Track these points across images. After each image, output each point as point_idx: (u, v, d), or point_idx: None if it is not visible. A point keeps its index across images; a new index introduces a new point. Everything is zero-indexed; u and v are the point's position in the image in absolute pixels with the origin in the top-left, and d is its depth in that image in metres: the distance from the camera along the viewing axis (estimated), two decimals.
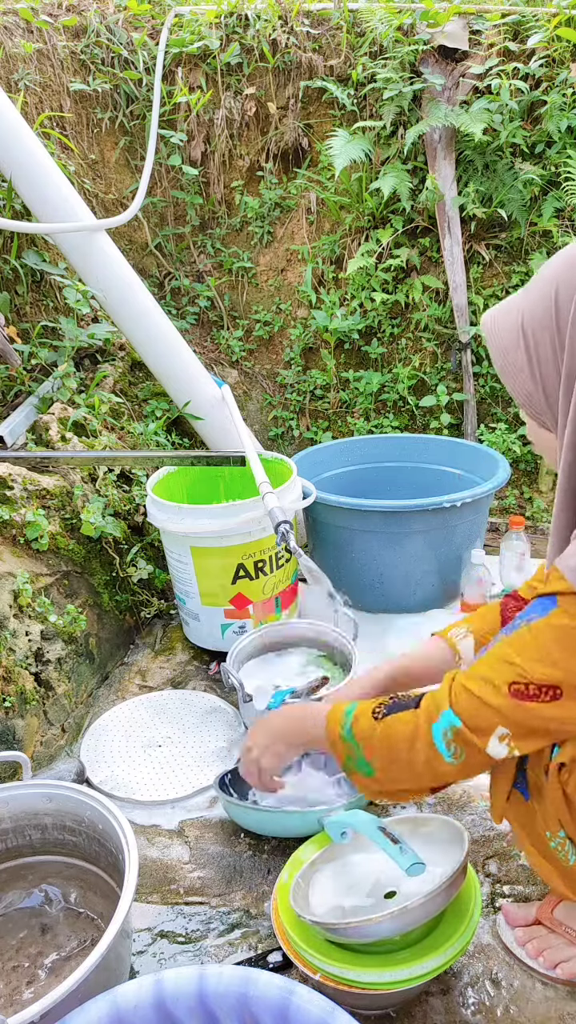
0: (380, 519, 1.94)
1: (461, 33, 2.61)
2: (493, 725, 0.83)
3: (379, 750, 0.92)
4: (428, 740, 0.88)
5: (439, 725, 0.87)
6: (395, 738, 0.90)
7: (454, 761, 0.87)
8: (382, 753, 0.92)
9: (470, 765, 0.87)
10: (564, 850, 0.95)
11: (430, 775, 0.90)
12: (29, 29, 2.59)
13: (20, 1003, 1.05)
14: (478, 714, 0.84)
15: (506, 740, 0.84)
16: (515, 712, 0.82)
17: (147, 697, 1.78)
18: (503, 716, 0.83)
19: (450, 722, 0.86)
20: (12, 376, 2.07)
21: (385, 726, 0.92)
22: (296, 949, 1.02)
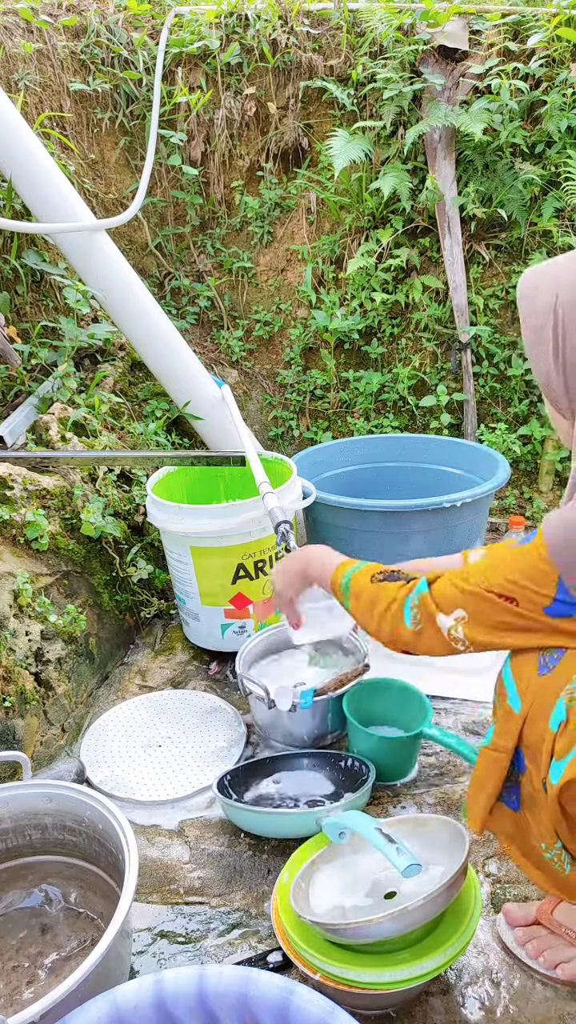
0: (380, 519, 1.94)
1: (461, 33, 2.61)
2: (456, 605, 0.98)
3: (363, 601, 1.10)
4: (400, 606, 1.04)
5: (412, 595, 1.03)
6: (379, 600, 1.08)
7: (412, 626, 1.03)
8: (364, 605, 1.10)
9: (424, 635, 1.02)
10: (560, 860, 0.95)
11: (389, 632, 1.07)
12: (29, 29, 2.59)
13: (20, 1003, 1.05)
14: (447, 592, 0.99)
15: (461, 622, 0.98)
16: (478, 602, 0.96)
17: (147, 697, 1.78)
18: (466, 601, 0.97)
19: (420, 590, 1.02)
20: (12, 376, 2.07)
21: (375, 588, 1.09)
22: (296, 949, 1.02)
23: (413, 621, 1.03)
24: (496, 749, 0.98)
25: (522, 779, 0.97)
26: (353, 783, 1.43)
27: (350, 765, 1.46)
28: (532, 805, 0.95)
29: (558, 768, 0.89)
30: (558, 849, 0.94)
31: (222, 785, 1.41)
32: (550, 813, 0.91)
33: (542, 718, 0.91)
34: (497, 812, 1.01)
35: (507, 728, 0.96)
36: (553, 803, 0.90)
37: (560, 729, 0.88)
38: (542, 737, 0.91)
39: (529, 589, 0.91)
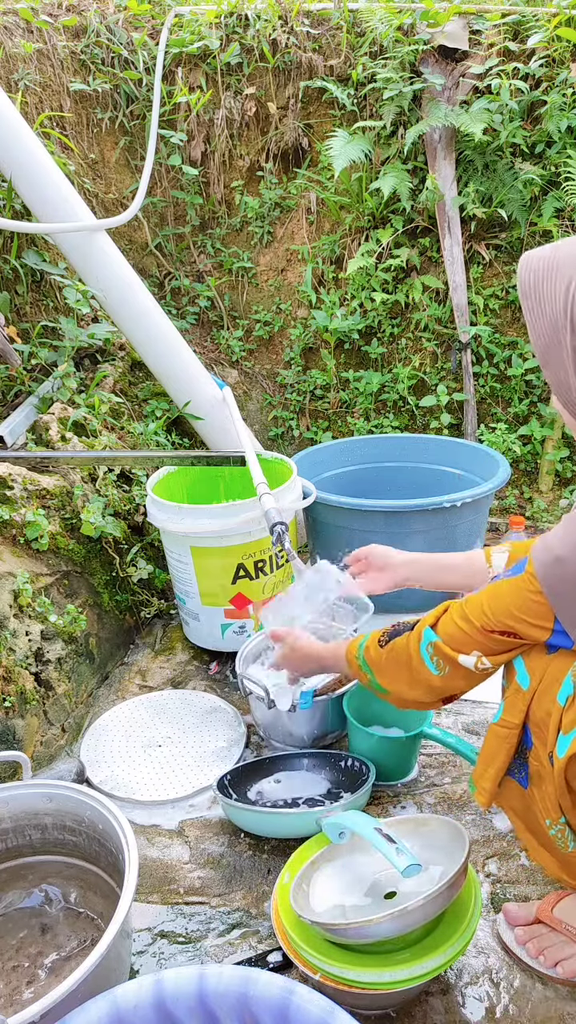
0: (380, 519, 1.94)
1: (461, 33, 2.61)
2: (469, 646, 0.99)
3: (386, 671, 1.09)
4: (419, 658, 1.04)
5: (423, 642, 1.03)
6: (396, 661, 1.07)
7: (439, 672, 1.03)
8: (388, 673, 1.09)
9: (455, 676, 1.02)
10: (563, 837, 0.95)
11: (425, 686, 1.05)
12: (29, 29, 2.59)
13: (20, 1003, 1.05)
14: (456, 636, 1.00)
15: (479, 657, 0.98)
16: (485, 640, 0.97)
17: (147, 697, 1.78)
18: (477, 642, 0.97)
19: (430, 639, 1.02)
20: (12, 376, 2.07)
21: (388, 650, 1.08)
22: (296, 949, 1.02)
23: (437, 667, 1.03)
24: (504, 725, 0.99)
25: (529, 755, 0.97)
26: (353, 783, 1.43)
27: (350, 765, 1.46)
28: (539, 781, 0.96)
29: (565, 741, 0.90)
30: (561, 825, 0.94)
31: (222, 785, 1.41)
32: (555, 786, 0.92)
33: (550, 693, 0.92)
34: (507, 787, 1.03)
35: (515, 704, 0.97)
36: (559, 776, 0.91)
37: (568, 703, 0.90)
38: (549, 712, 0.92)
39: (527, 623, 0.91)
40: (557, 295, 0.79)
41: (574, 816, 0.94)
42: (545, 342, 0.82)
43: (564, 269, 0.79)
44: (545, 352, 0.83)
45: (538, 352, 0.84)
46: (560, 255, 0.81)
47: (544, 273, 0.81)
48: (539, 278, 0.81)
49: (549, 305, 0.80)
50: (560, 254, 0.81)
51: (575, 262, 0.79)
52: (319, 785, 1.46)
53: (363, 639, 1.17)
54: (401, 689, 1.09)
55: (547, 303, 0.80)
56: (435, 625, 1.03)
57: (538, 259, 0.82)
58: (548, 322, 0.80)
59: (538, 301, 0.81)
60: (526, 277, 0.83)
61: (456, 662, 1.00)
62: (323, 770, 1.49)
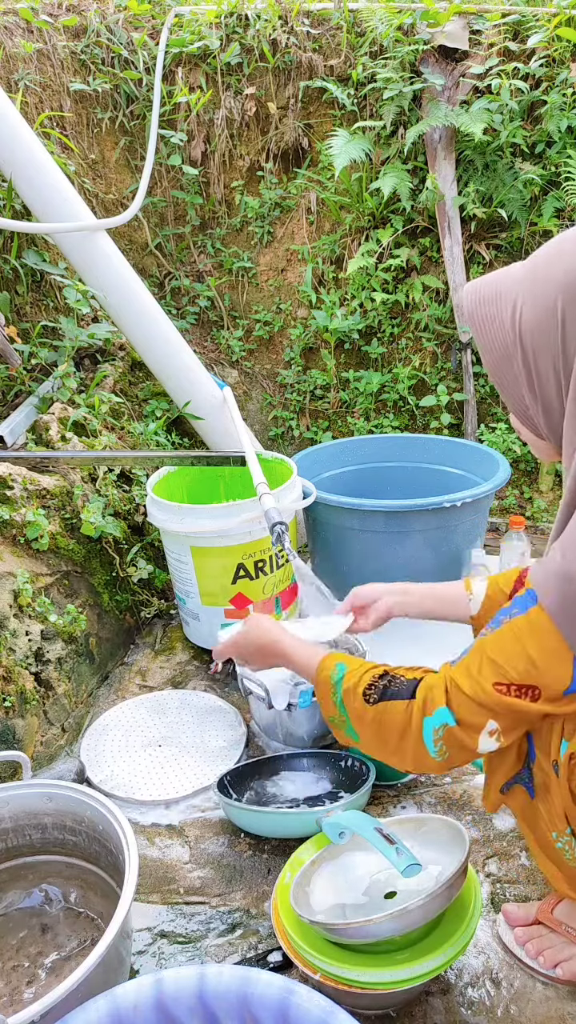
0: (380, 519, 1.94)
1: (461, 33, 2.61)
2: (484, 722, 0.87)
3: (369, 730, 0.97)
4: (418, 736, 0.91)
5: (432, 721, 0.90)
6: (387, 726, 0.94)
7: (438, 758, 0.91)
8: (371, 734, 0.96)
9: (453, 762, 0.92)
10: (570, 849, 0.95)
11: (413, 764, 0.95)
12: (29, 29, 2.59)
13: (20, 1003, 1.05)
14: (471, 712, 0.87)
15: (495, 735, 0.87)
16: (503, 708, 0.85)
17: (147, 697, 1.78)
18: (494, 713, 0.86)
19: (444, 721, 0.89)
20: (12, 376, 2.07)
21: (377, 712, 0.95)
22: (296, 949, 1.02)
23: (439, 752, 0.91)
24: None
25: (533, 767, 0.97)
26: (353, 783, 1.43)
27: (350, 765, 1.46)
28: (544, 793, 0.96)
29: (567, 747, 0.90)
30: (568, 836, 0.94)
31: (222, 785, 1.41)
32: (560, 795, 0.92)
33: None
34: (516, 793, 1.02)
35: None
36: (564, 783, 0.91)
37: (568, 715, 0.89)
38: (550, 724, 0.92)
39: (548, 674, 0.82)
40: (504, 319, 0.80)
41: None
42: (496, 363, 0.83)
43: (508, 294, 0.81)
44: (498, 373, 0.84)
45: (491, 374, 0.85)
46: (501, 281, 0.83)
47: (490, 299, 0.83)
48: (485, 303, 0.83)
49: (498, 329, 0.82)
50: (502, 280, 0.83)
51: (517, 286, 0.81)
52: (319, 785, 1.46)
53: (339, 669, 1.02)
54: (382, 753, 0.98)
55: (495, 327, 0.82)
56: (449, 704, 0.89)
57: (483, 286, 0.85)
58: (498, 345, 0.82)
59: (486, 325, 0.83)
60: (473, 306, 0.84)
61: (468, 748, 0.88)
62: (323, 770, 1.49)
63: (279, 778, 1.49)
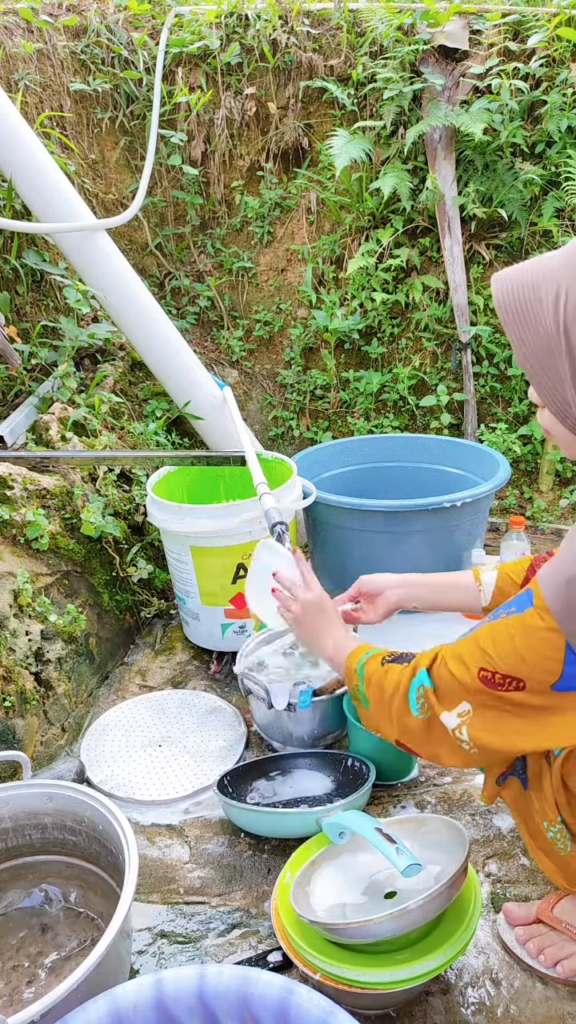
0: (381, 519, 1.94)
1: (461, 33, 2.61)
2: (458, 700, 0.91)
3: (374, 688, 1.05)
4: (405, 691, 0.98)
5: (416, 681, 0.97)
6: (387, 682, 1.02)
7: (419, 716, 0.96)
8: (376, 692, 1.05)
9: (432, 728, 0.95)
10: (562, 838, 0.95)
11: (400, 724, 1.00)
12: (29, 29, 2.59)
13: (20, 1002, 1.05)
14: (449, 687, 0.92)
15: (465, 717, 0.91)
16: (479, 694, 0.88)
17: (147, 697, 1.78)
18: (469, 694, 0.90)
19: (422, 682, 0.96)
20: (12, 376, 2.07)
21: (386, 670, 1.04)
22: (296, 949, 1.02)
23: (420, 709, 0.95)
24: None
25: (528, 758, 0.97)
26: (353, 783, 1.42)
27: (350, 765, 1.45)
28: (537, 783, 0.96)
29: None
30: (559, 825, 0.95)
31: (222, 785, 1.41)
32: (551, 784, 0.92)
33: None
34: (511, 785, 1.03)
35: None
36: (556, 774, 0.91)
37: None
38: None
39: (538, 667, 0.82)
40: (544, 309, 0.75)
41: (570, 814, 0.94)
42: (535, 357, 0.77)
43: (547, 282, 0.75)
44: (535, 367, 0.78)
45: (528, 368, 0.79)
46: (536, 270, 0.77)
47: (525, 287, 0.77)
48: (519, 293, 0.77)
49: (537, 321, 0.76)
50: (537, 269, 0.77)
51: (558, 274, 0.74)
52: (319, 785, 1.46)
53: (372, 648, 1.12)
54: (379, 712, 1.04)
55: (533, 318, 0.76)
56: (430, 668, 0.96)
57: (516, 276, 0.78)
58: (537, 338, 0.76)
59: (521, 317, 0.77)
60: (505, 296, 0.78)
61: (436, 717, 0.93)
62: (323, 770, 1.49)
63: (279, 778, 1.49)
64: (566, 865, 0.98)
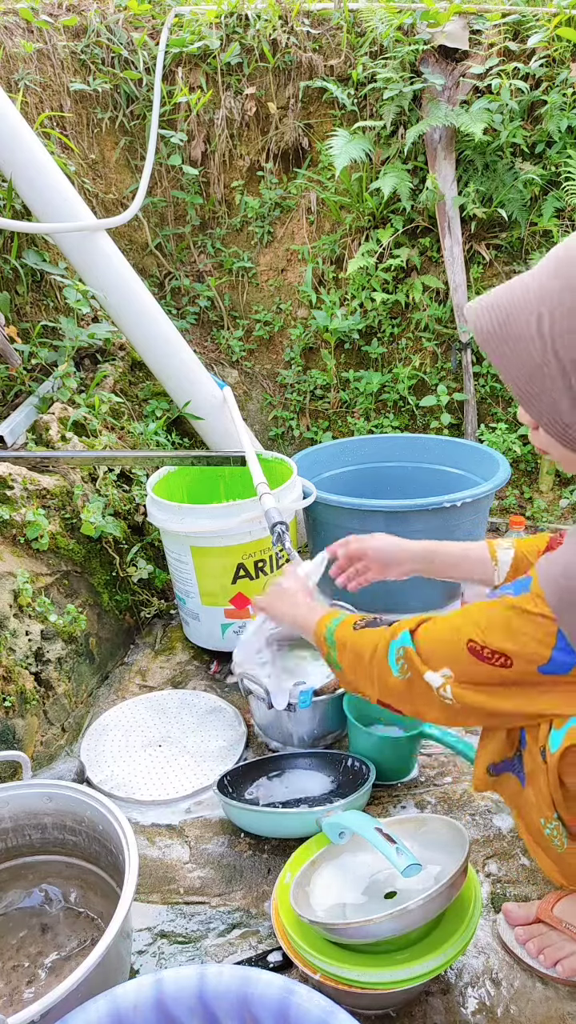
0: (381, 519, 1.94)
1: (461, 33, 2.61)
2: (442, 664, 0.94)
3: (348, 653, 1.08)
4: (384, 652, 1.01)
5: (396, 643, 1.00)
6: (361, 645, 1.06)
7: (400, 676, 0.99)
8: (350, 656, 1.08)
9: (412, 689, 0.98)
10: (558, 835, 0.96)
11: (381, 683, 1.02)
12: (29, 29, 2.59)
13: (20, 1003, 1.05)
14: (433, 649, 0.96)
15: (448, 680, 0.94)
16: (464, 662, 0.91)
17: (147, 697, 1.78)
18: (453, 660, 0.93)
19: (403, 643, 0.98)
20: (12, 376, 2.07)
21: (358, 635, 1.08)
22: (296, 949, 1.02)
23: (400, 670, 0.99)
24: None
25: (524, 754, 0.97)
26: (353, 783, 1.43)
27: (350, 765, 1.45)
28: (533, 780, 0.96)
29: (557, 736, 0.90)
30: (555, 822, 0.95)
31: (222, 785, 1.41)
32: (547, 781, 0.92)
33: None
34: (507, 781, 1.03)
35: None
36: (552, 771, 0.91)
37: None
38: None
39: (527, 648, 0.85)
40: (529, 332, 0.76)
41: (566, 811, 0.94)
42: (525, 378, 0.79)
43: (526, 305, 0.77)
44: (526, 388, 0.79)
45: (518, 390, 0.80)
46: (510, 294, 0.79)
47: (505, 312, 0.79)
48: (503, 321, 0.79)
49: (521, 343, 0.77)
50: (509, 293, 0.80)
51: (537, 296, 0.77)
52: (319, 785, 1.46)
53: (340, 615, 1.16)
54: (356, 675, 1.08)
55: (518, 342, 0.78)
56: (414, 631, 0.99)
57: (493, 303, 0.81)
58: (524, 359, 0.78)
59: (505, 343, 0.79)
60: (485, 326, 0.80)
61: (420, 676, 0.96)
62: (323, 770, 1.49)
63: (279, 778, 1.49)
64: (563, 862, 0.98)
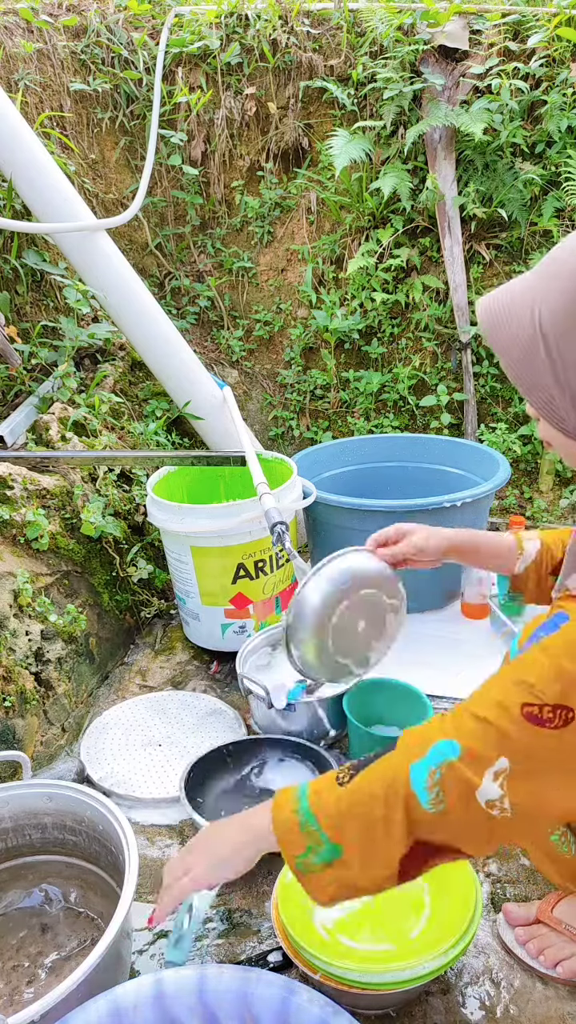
0: (381, 519, 1.94)
1: (461, 33, 2.61)
2: (496, 754, 0.72)
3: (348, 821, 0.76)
4: (406, 781, 0.75)
5: (426, 761, 0.75)
6: (369, 800, 0.75)
7: (430, 808, 0.73)
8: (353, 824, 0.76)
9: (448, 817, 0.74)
10: (565, 842, 0.95)
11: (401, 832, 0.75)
12: (29, 29, 2.59)
13: (20, 1003, 1.05)
14: (484, 737, 0.73)
15: (502, 777, 0.72)
16: (524, 736, 0.71)
17: (147, 697, 1.78)
18: (510, 742, 0.72)
19: (444, 754, 0.74)
20: (12, 376, 2.07)
21: (355, 788, 0.77)
22: (296, 949, 1.02)
23: (433, 800, 0.73)
24: None
25: None
26: None
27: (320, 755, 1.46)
28: None
29: None
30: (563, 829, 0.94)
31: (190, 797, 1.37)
32: None
33: None
34: None
35: None
36: None
37: None
38: None
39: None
40: (523, 316, 0.79)
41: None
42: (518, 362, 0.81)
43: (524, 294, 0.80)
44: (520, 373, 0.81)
45: (518, 378, 0.82)
46: (512, 287, 0.83)
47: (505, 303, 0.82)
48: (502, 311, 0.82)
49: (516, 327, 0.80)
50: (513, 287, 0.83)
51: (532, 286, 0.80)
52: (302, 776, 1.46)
53: (300, 789, 0.82)
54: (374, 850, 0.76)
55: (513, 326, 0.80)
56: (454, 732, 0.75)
57: (496, 295, 0.84)
58: (518, 344, 0.80)
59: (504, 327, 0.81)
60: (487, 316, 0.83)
61: (472, 794, 0.72)
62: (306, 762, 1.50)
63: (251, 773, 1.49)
64: (571, 867, 0.98)
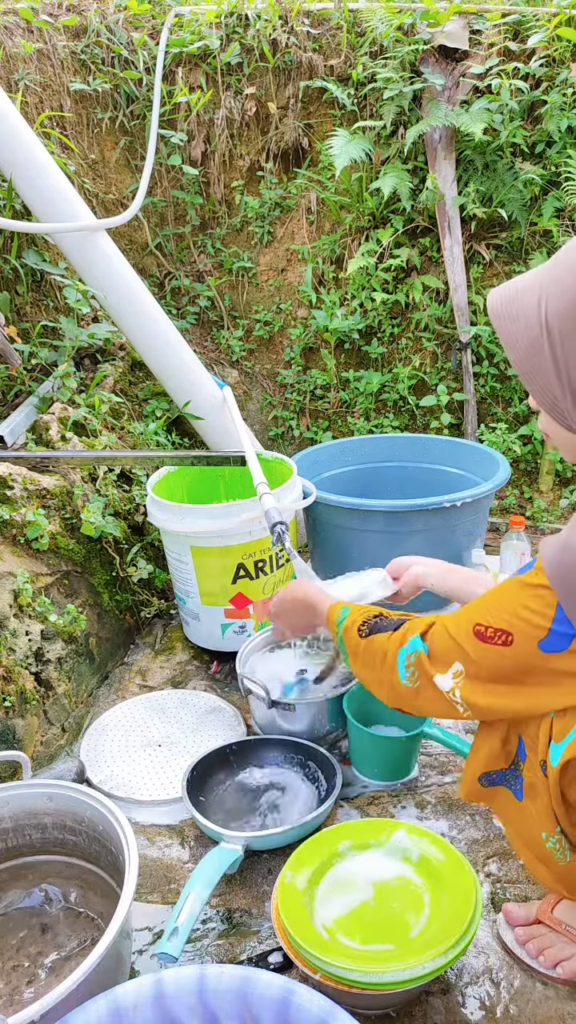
0: (381, 519, 1.94)
1: (461, 33, 2.61)
2: (452, 659, 0.95)
3: (360, 661, 1.11)
4: (393, 661, 1.02)
5: (406, 649, 1.01)
6: (371, 654, 1.07)
7: (409, 684, 1.00)
8: (361, 663, 1.11)
9: (423, 695, 0.99)
10: (561, 848, 0.95)
11: (390, 690, 1.05)
12: (29, 29, 2.59)
13: (20, 1003, 1.05)
14: (443, 645, 0.96)
15: (459, 677, 0.94)
16: (472, 651, 0.92)
17: (147, 697, 1.78)
18: (463, 652, 0.93)
19: (414, 648, 0.99)
20: (12, 376, 2.07)
21: (367, 643, 1.09)
22: (296, 949, 1.02)
23: (410, 678, 1.00)
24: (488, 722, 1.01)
25: (523, 767, 0.97)
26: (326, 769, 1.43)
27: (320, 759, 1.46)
28: (533, 793, 0.96)
29: (557, 750, 0.90)
30: (558, 835, 0.94)
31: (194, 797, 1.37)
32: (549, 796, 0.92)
33: None
34: (501, 796, 1.02)
35: None
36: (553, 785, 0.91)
37: (557, 712, 0.90)
38: (539, 721, 0.92)
39: (528, 622, 0.86)
40: (531, 312, 0.82)
41: (569, 825, 0.93)
42: (524, 357, 0.84)
43: (531, 288, 0.83)
44: (525, 367, 0.85)
45: (521, 369, 0.86)
46: (525, 281, 0.85)
47: (514, 296, 0.85)
48: (510, 301, 0.85)
49: (523, 322, 0.83)
50: (523, 280, 0.86)
51: (540, 280, 0.83)
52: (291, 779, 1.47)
53: (342, 612, 1.17)
54: (367, 681, 1.11)
55: (521, 321, 0.83)
56: (425, 633, 1.00)
57: (504, 289, 0.88)
58: (524, 338, 0.83)
59: (512, 321, 0.84)
60: (497, 304, 0.87)
61: (431, 680, 0.97)
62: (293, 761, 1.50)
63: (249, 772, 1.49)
64: (566, 874, 0.98)
